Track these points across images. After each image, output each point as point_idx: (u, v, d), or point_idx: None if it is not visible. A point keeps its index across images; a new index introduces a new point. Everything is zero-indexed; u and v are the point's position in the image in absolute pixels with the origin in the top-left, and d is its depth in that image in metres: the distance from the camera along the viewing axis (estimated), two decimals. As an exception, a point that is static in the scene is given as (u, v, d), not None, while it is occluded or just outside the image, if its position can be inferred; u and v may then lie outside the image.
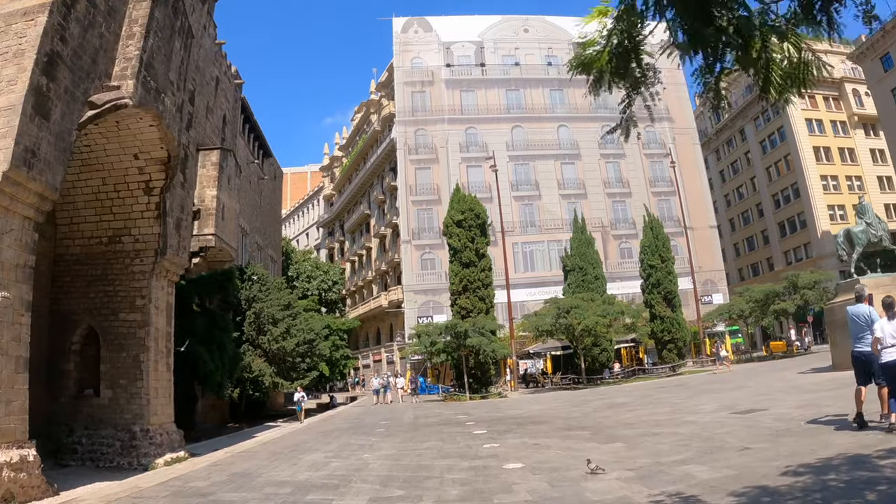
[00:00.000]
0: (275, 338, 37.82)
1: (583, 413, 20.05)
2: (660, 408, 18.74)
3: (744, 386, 22.78)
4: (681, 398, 21.39)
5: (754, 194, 78.79)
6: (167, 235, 20.87)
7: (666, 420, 15.19)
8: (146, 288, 20.02)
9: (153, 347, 19.56)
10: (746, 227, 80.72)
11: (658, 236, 45.84)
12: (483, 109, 64.78)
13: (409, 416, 27.01)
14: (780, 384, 21.12)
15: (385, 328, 69.08)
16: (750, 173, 79.29)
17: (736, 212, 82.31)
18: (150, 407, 18.87)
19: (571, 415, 19.88)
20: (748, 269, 79.55)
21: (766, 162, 75.92)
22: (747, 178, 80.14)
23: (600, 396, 28.22)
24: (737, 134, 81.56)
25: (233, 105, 46.51)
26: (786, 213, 72.77)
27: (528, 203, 62.06)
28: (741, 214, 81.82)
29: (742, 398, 18.03)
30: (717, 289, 62.16)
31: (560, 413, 21.09)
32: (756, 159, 77.51)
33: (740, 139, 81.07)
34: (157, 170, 21.02)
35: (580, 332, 36.55)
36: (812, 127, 71.28)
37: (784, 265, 70.85)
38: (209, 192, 38.03)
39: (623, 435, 13.25)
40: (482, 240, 40.01)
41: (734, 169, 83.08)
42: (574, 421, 17.71)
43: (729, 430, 11.89)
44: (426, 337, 36.84)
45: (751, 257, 79.86)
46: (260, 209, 53.85)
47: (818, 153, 70.17)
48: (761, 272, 75.20)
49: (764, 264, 76.92)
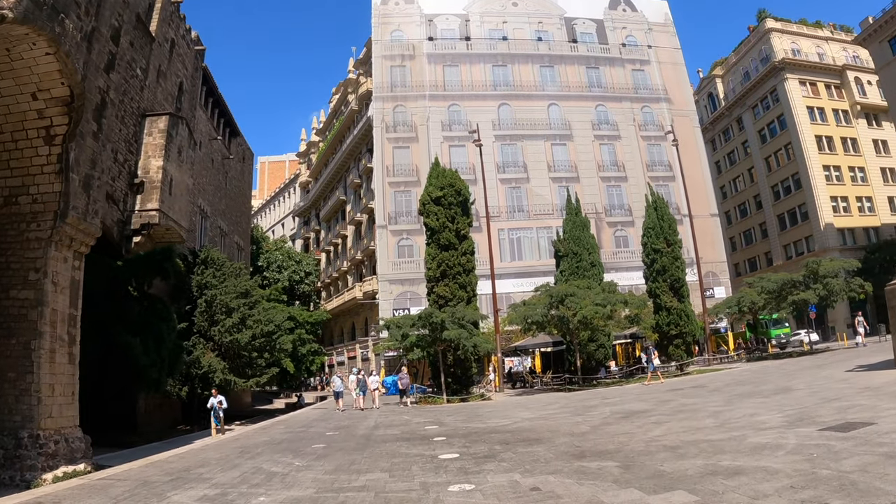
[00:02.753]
0: (227, 329, 33.05)
1: (591, 426, 15.12)
2: (698, 419, 13.95)
3: (789, 388, 18.32)
4: (716, 405, 16.69)
5: (752, 185, 75.39)
6: (70, 194, 17.51)
7: (725, 441, 10.42)
8: (41, 259, 16.82)
9: (48, 333, 16.33)
10: (744, 219, 77.26)
11: (663, 217, 41.06)
12: (468, 85, 60.14)
13: (369, 424, 22.03)
14: (841, 385, 16.71)
15: (360, 322, 64.22)
16: (748, 164, 75.88)
17: (733, 204, 78.61)
18: (42, 407, 15.72)
19: (577, 428, 14.96)
20: (745, 263, 75.80)
21: (765, 152, 72.52)
22: (745, 169, 76.75)
23: (605, 400, 23.50)
24: (734, 123, 78.23)
25: (192, 73, 41.46)
26: (786, 205, 69.39)
27: (516, 186, 57.45)
28: (738, 207, 78.29)
29: (808, 405, 13.51)
30: (719, 281, 58.06)
31: (560, 425, 16.20)
32: (755, 149, 74.13)
33: (738, 128, 77.70)
34: (58, 112, 17.57)
35: (576, 325, 31.84)
36: (814, 115, 68.26)
37: (784, 259, 67.85)
38: (154, 163, 32.89)
39: (677, 473, 8.37)
40: (463, 220, 34.86)
41: (731, 159, 79.55)
42: (583, 439, 12.79)
43: (860, 464, 7.26)
44: (396, 329, 31.79)
45: (748, 251, 76.29)
46: (225, 191, 48.99)
47: (820, 142, 67.09)
48: (759, 267, 71.65)
49: (762, 259, 73.53)
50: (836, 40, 73.25)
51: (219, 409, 25.27)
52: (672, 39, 65.94)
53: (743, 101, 75.28)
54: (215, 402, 25.37)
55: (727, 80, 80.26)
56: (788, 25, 72.38)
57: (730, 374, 30.38)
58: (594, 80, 63.01)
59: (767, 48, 70.88)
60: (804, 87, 68.83)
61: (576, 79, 62.41)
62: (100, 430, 26.29)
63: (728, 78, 80.00)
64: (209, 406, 25.62)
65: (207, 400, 34.39)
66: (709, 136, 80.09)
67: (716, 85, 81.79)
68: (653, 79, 64.21)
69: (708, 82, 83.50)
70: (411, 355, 33.31)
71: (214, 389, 26.76)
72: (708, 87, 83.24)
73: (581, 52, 63.63)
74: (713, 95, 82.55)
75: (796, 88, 67.96)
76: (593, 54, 63.93)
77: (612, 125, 61.51)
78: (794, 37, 71.44)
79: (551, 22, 63.81)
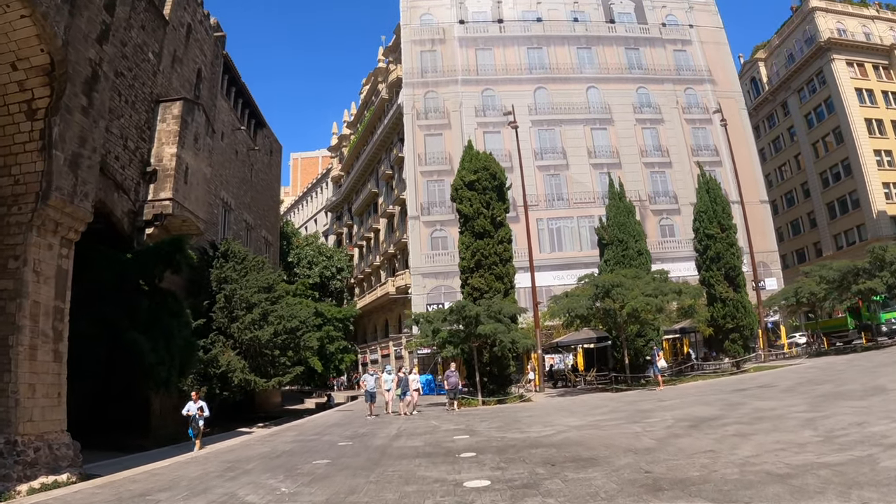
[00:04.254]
0: (246, 325, 31.03)
1: (655, 439, 12.38)
2: (792, 430, 11.12)
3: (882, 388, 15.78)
4: (801, 409, 13.90)
5: (799, 173, 71.60)
6: (53, 173, 15.91)
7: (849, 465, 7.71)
8: (21, 245, 15.32)
9: (28, 327, 14.84)
10: (791, 209, 73.39)
11: (716, 200, 37.84)
12: (501, 69, 57.19)
13: (390, 431, 19.34)
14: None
15: (393, 318, 61.92)
16: (794, 150, 72.11)
17: (779, 193, 74.63)
18: (21, 410, 14.29)
19: (638, 442, 12.25)
20: (793, 255, 71.80)
21: (812, 137, 68.77)
22: (791, 156, 72.92)
23: (660, 403, 20.74)
24: (778, 108, 74.55)
25: (211, 60, 39.85)
26: (835, 193, 65.55)
27: (555, 174, 54.46)
28: (784, 196, 74.42)
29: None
30: (770, 272, 54.42)
31: (616, 436, 13.51)
32: (801, 134, 70.36)
33: (783, 114, 73.96)
34: (39, 83, 16.12)
35: (624, 318, 29.01)
36: (863, 97, 64.55)
37: (834, 250, 63.98)
38: (168, 150, 31.12)
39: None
40: (499, 205, 32.04)
41: (776, 146, 75.78)
42: (652, 459, 10.10)
43: None
44: (427, 324, 29.09)
45: (796, 242, 72.33)
46: (250, 184, 47.23)
47: (870, 125, 63.43)
48: (808, 258, 67.70)
49: (811, 249, 69.67)
50: (883, 19, 69.68)
51: (199, 417, 20.50)
52: (714, 18, 62.38)
53: (787, 84, 71.58)
54: (194, 409, 20.51)
55: (770, 63, 76.45)
56: (833, 4, 68.44)
57: (794, 372, 27.55)
58: (634, 62, 59.88)
59: (812, 28, 67.09)
60: (851, 69, 65.09)
61: (615, 60, 59.28)
62: (108, 433, 24.71)
63: (771, 61, 76.22)
64: (185, 412, 20.74)
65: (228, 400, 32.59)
66: (752, 122, 75.61)
67: (758, 69, 77.98)
68: (695, 59, 60.80)
69: (750, 66, 79.62)
70: (444, 352, 30.69)
71: (195, 393, 21.64)
72: (750, 72, 79.35)
73: (619, 33, 60.48)
74: (756, 80, 78.72)
75: (843, 70, 64.14)
76: (632, 35, 60.69)
77: (654, 108, 58.33)
78: (839, 16, 67.59)
79: (587, 2, 60.70)
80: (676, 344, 45.89)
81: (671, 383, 30.64)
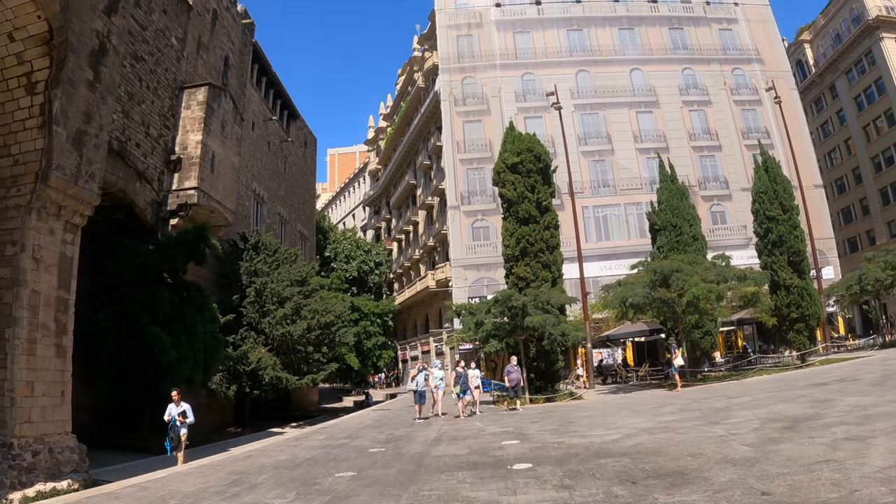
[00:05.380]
0: (277, 320, 29.40)
1: (749, 444, 10.14)
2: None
3: None
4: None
5: (850, 158, 67.42)
6: (54, 151, 14.45)
7: None
8: (19, 230, 13.97)
9: (26, 319, 13.53)
10: (842, 196, 69.21)
11: (776, 179, 34.99)
12: (541, 53, 54.92)
13: (429, 435, 17.15)
14: None
15: (433, 313, 60.00)
16: (844, 134, 67.97)
17: (829, 179, 70.29)
18: (17, 410, 12.99)
19: (729, 449, 10.03)
20: (844, 244, 67.55)
21: (862, 120, 64.57)
22: (841, 140, 68.69)
23: (732, 400, 18.41)
24: (826, 91, 70.40)
25: (239, 48, 38.39)
26: (889, 178, 61.47)
27: (599, 159, 52.05)
28: (835, 182, 70.33)
29: None
30: (826, 260, 51.29)
31: (699, 441, 11.26)
32: (851, 118, 66.19)
33: (831, 97, 69.82)
34: (38, 54, 14.77)
35: (683, 308, 26.65)
36: (915, 77, 59.96)
37: (887, 238, 59.91)
38: (193, 137, 29.58)
39: None
40: (545, 189, 29.79)
41: (824, 131, 71.70)
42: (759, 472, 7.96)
43: None
44: (469, 316, 26.96)
45: (848, 230, 68.08)
46: (284, 176, 45.80)
47: (924, 107, 58.99)
48: (861, 247, 63.72)
49: (863, 237, 65.49)
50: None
51: (180, 423, 16.32)
52: (759, -9, 59.42)
53: (835, 66, 67.53)
54: (175, 414, 16.36)
55: (816, 44, 72.54)
56: (881, -20, 64.39)
57: (868, 364, 25.24)
58: (678, 42, 57.17)
59: (859, 6, 63.11)
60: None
61: (658, 41, 56.66)
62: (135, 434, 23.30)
63: (817, 42, 72.29)
64: (166, 418, 16.55)
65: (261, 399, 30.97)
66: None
67: (804, 51, 74.11)
68: (742, 38, 57.92)
69: (795, 49, 75.73)
70: (486, 347, 28.57)
71: (175, 392, 16.84)
72: (795, 55, 75.41)
73: (662, 13, 57.84)
74: (802, 63, 74.82)
75: (894, 48, 60.20)
76: (675, 14, 58.00)
77: (701, 89, 55.58)
78: (887, -8, 63.56)
79: (628, -20, 58.23)
80: (731, 336, 43.32)
81: (733, 378, 28.24)
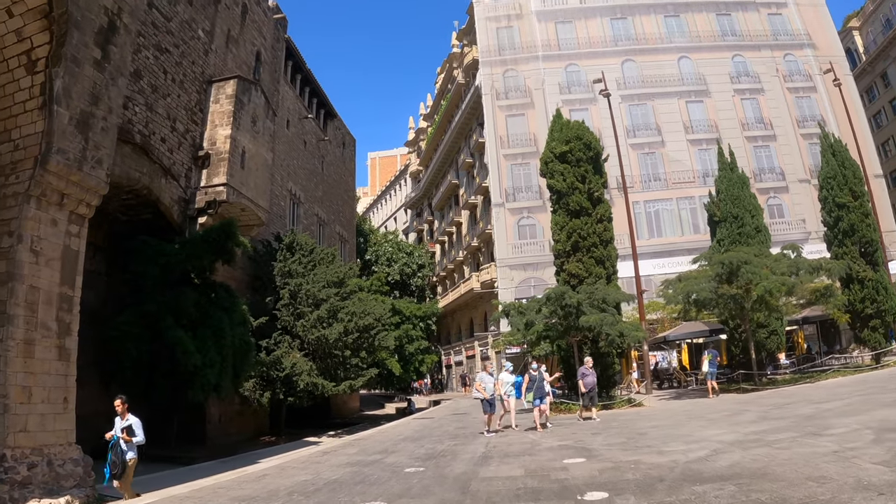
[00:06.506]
0: (312, 323, 27.76)
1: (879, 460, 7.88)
2: None
3: None
4: None
5: (906, 148, 63.41)
6: (55, 133, 13.06)
7: None
8: (16, 220, 12.65)
9: (22, 317, 12.19)
10: (896, 189, 65.23)
11: (845, 163, 32.32)
12: (584, 43, 52.91)
13: (476, 450, 14.82)
14: None
15: (478, 316, 58.03)
16: (898, 124, 64.00)
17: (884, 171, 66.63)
18: (11, 417, 11.67)
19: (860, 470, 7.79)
20: (899, 239, 63.85)
21: (918, 108, 60.76)
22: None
23: (820, 407, 16.06)
24: (878, 80, 66.47)
25: (272, 44, 37.11)
26: (949, 168, 57.38)
27: (649, 152, 49.75)
28: (890, 174, 66.22)
29: None
30: (891, 255, 48.01)
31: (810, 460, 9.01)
32: (905, 107, 62.37)
33: (883, 85, 65.87)
34: (38, 29, 13.37)
35: (752, 304, 24.25)
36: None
37: None
38: (221, 132, 28.17)
39: None
40: (596, 179, 27.51)
41: (877, 122, 67.53)
42: None
43: None
44: (518, 316, 24.58)
45: (903, 226, 64.21)
46: (322, 177, 44.40)
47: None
48: (916, 242, 59.73)
49: (919, 233, 61.42)
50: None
51: (125, 443, 11.83)
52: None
53: (886, 52, 63.81)
54: (118, 432, 11.90)
55: (865, 31, 68.78)
56: (933, -40, 60.71)
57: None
58: (727, 28, 54.67)
59: (909, -11, 59.78)
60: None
61: (706, 27, 54.24)
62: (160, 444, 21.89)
63: (866, 29, 68.53)
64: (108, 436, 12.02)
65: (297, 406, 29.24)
66: (852, 96, 68.88)
67: (853, 39, 70.36)
68: (792, 22, 55.27)
69: (844, 36, 71.67)
70: (536, 350, 26.45)
71: (118, 401, 12.28)
72: (845, 42, 71.24)
73: (708, -2, 55.51)
74: (851, 51, 70.93)
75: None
76: (722, -1, 55.60)
77: (752, 77, 53.03)
78: (940, -27, 59.88)
79: (671, -35, 55.84)
80: (792, 336, 40.50)
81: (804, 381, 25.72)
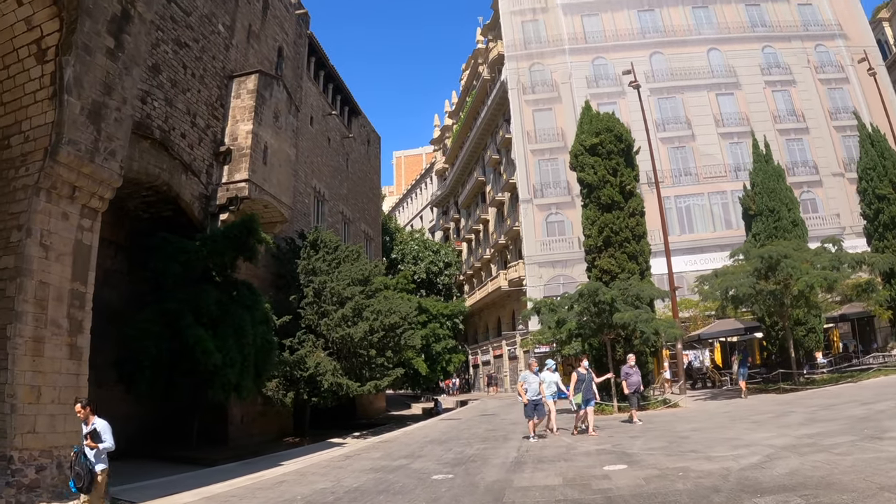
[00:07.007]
0: (336, 322, 27.19)
1: None
2: None
3: None
4: None
5: (939, 145, 61.12)
6: (65, 123, 12.59)
7: None
8: (25, 213, 12.26)
9: (31, 314, 11.80)
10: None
11: (884, 154, 31.12)
12: (611, 35, 51.92)
13: (508, 455, 13.83)
14: None
15: (506, 315, 57.21)
16: (932, 118, 61.68)
17: None
18: (19, 418, 11.23)
19: None
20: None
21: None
22: (927, 126, 62.42)
23: (869, 408, 15.06)
24: None
25: (294, 39, 36.68)
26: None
27: (679, 146, 48.57)
28: (928, 165, 64.07)
29: None
30: (924, 251, 46.49)
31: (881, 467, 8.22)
32: (940, 99, 60.01)
33: None
34: (48, 16, 12.98)
35: (791, 300, 23.22)
36: None
37: None
38: (243, 128, 27.73)
39: None
40: (628, 172, 26.56)
41: None
42: None
43: None
44: (550, 314, 23.64)
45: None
46: (346, 174, 43.95)
47: None
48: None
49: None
50: None
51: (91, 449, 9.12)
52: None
53: None
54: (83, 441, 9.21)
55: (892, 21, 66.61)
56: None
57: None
58: (756, 19, 53.31)
59: (942, -22, 57.65)
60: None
61: (735, 18, 53.00)
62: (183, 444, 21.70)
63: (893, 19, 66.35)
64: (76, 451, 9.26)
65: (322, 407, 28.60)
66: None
67: (883, 30, 67.85)
68: (823, 13, 53.89)
69: (874, 28, 69.24)
70: (566, 349, 25.62)
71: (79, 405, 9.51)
72: (875, 34, 69.33)
73: (736, -12, 54.21)
74: (882, 43, 68.68)
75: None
76: (751, -11, 54.31)
77: (783, 68, 51.61)
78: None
79: (697, -44, 54.61)
80: (829, 334, 39.15)
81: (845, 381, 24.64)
